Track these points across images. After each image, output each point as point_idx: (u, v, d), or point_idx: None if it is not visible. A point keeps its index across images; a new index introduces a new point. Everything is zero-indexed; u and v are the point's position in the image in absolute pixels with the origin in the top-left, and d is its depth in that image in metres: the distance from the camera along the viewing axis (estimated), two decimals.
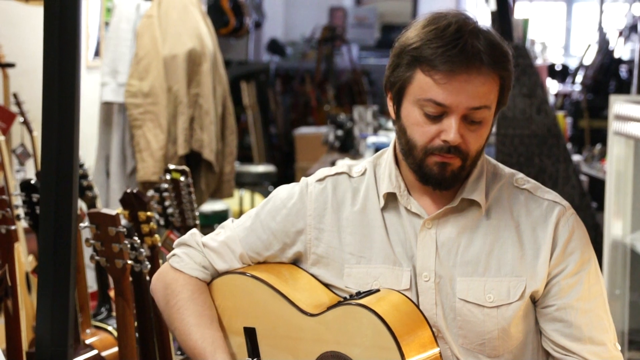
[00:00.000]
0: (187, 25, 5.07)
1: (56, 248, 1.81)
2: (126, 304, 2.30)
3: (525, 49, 4.53)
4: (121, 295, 2.29)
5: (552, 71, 9.54)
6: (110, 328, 2.91)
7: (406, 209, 1.90)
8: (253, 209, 2.04)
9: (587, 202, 4.34)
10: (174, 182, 2.95)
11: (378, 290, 1.87)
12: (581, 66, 9.21)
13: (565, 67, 10.25)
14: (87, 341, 2.83)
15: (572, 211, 1.90)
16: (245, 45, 9.91)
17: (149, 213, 2.53)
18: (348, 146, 6.65)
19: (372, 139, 6.21)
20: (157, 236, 2.58)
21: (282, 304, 1.91)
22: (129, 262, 2.27)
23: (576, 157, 5.70)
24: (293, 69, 10.58)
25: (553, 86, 9.33)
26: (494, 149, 4.41)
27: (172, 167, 2.98)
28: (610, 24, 9.70)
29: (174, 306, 1.97)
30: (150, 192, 2.98)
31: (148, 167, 4.91)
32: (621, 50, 8.98)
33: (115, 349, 2.74)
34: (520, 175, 1.94)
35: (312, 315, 1.87)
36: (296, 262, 1.99)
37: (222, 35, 8.21)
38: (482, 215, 1.88)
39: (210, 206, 6.27)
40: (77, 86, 1.80)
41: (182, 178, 2.94)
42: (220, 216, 6.27)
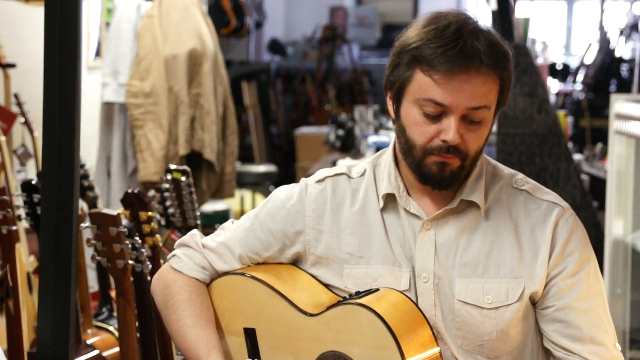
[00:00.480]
0: (188, 26, 5.07)
1: (57, 248, 1.82)
2: (127, 304, 2.30)
3: (526, 48, 4.52)
4: (122, 295, 2.30)
5: (553, 70, 9.54)
6: (111, 328, 2.91)
7: (405, 210, 1.90)
8: (252, 210, 2.04)
9: (588, 201, 4.34)
10: (175, 182, 2.95)
11: (377, 289, 1.87)
12: (582, 65, 9.21)
13: (566, 66, 10.24)
14: (89, 341, 2.83)
15: (571, 212, 1.89)
16: (246, 45, 9.90)
17: (150, 213, 2.53)
18: (349, 146, 6.64)
19: (373, 139, 6.21)
20: (158, 236, 2.58)
21: (281, 304, 1.91)
22: (130, 262, 2.27)
23: (577, 156, 5.69)
24: (294, 68, 10.57)
25: (554, 85, 9.32)
26: (495, 148, 4.40)
27: (173, 167, 2.98)
28: (611, 23, 9.70)
29: (171, 307, 1.98)
30: (151, 192, 2.98)
31: (149, 167, 4.91)
32: (622, 49, 8.97)
33: (117, 349, 2.74)
34: (519, 176, 1.94)
35: (311, 315, 1.88)
36: (296, 263, 1.99)
37: (223, 35, 8.21)
38: (481, 216, 1.88)
39: (211, 206, 6.28)
40: (77, 86, 1.80)
41: (183, 178, 2.94)
42: (221, 216, 6.27)
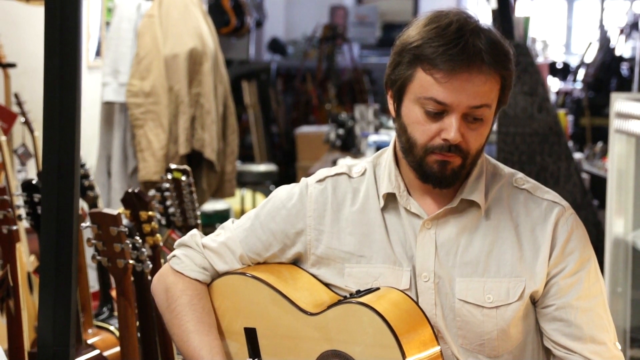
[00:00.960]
0: (188, 25, 5.07)
1: (58, 248, 1.81)
2: (128, 303, 2.30)
3: (526, 47, 4.51)
4: (123, 295, 2.29)
5: (553, 69, 9.53)
6: (112, 328, 2.91)
7: (406, 209, 1.90)
8: (253, 210, 2.03)
9: (589, 200, 4.34)
10: (176, 181, 2.95)
11: (378, 288, 1.87)
12: (582, 64, 9.21)
13: (566, 65, 10.24)
14: (89, 341, 2.83)
15: (571, 211, 1.89)
16: (246, 44, 9.89)
17: (150, 213, 2.53)
18: (349, 145, 6.64)
19: (373, 138, 6.20)
20: (158, 236, 2.58)
21: (282, 304, 1.91)
22: (131, 261, 2.27)
23: (577, 155, 5.69)
24: (294, 67, 10.57)
25: (554, 84, 9.32)
26: (495, 147, 4.40)
27: (173, 166, 2.98)
28: (611, 21, 9.70)
29: (173, 311, 1.98)
30: (152, 192, 2.98)
31: (149, 167, 4.91)
32: (622, 48, 8.97)
33: (117, 349, 2.74)
34: (519, 175, 1.94)
35: (312, 314, 1.87)
36: (296, 263, 1.99)
37: (223, 35, 8.21)
38: (482, 215, 1.88)
39: (211, 205, 6.28)
40: (78, 86, 1.80)
41: (183, 177, 2.94)
42: (222, 215, 6.27)
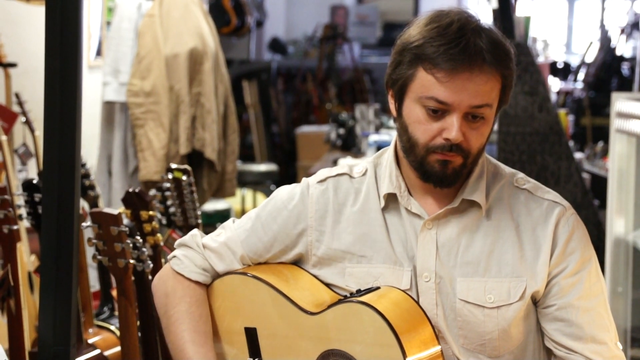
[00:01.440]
0: (188, 25, 5.07)
1: (58, 248, 1.81)
2: (128, 303, 2.30)
3: (527, 46, 4.51)
4: (123, 294, 2.29)
5: (554, 69, 9.53)
6: (112, 327, 2.91)
7: (406, 209, 1.90)
8: (254, 210, 2.03)
9: (589, 199, 4.33)
10: (176, 181, 2.95)
11: (379, 287, 1.87)
12: (583, 64, 9.20)
13: (567, 65, 10.24)
14: (90, 340, 2.83)
15: (572, 211, 1.89)
16: (247, 44, 9.90)
17: (151, 212, 2.53)
18: (350, 145, 6.64)
19: (374, 137, 6.20)
20: (159, 235, 2.58)
21: (283, 304, 1.91)
22: (132, 261, 2.27)
23: (578, 155, 5.68)
24: (295, 67, 10.57)
25: (555, 84, 9.31)
26: (496, 146, 4.40)
27: (174, 166, 2.98)
28: (612, 21, 9.69)
29: (170, 317, 1.98)
30: (153, 192, 2.98)
31: (150, 167, 4.91)
32: (623, 47, 8.96)
33: (118, 349, 2.74)
34: (520, 175, 1.94)
35: (313, 313, 1.87)
36: (297, 263, 1.99)
37: (223, 34, 8.21)
38: (483, 215, 1.88)
39: (212, 205, 6.28)
40: (78, 86, 1.80)
41: (184, 177, 2.94)
42: (223, 215, 6.27)
